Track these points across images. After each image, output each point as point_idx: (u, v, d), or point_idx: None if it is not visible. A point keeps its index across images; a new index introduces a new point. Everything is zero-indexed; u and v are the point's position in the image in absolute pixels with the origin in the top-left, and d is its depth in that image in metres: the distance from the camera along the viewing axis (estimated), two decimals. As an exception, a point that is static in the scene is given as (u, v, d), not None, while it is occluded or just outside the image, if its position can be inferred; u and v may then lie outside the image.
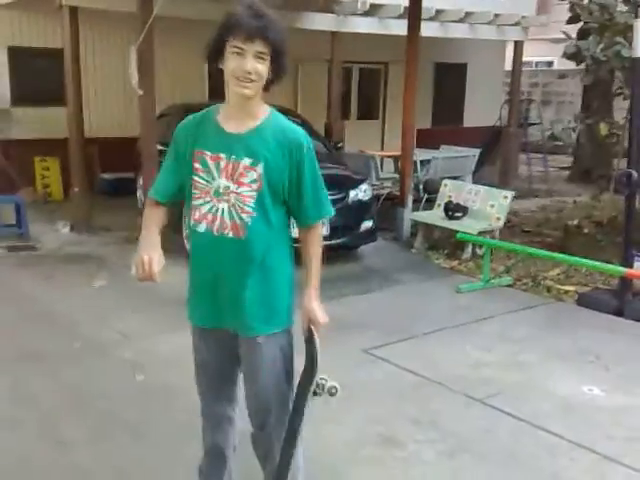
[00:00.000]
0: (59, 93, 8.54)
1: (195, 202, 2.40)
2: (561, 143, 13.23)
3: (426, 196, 9.32)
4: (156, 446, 3.39)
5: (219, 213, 2.36)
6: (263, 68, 2.26)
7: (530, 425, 3.68)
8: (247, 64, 2.23)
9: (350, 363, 4.45)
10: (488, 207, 7.58)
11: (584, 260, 5.67)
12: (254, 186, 2.33)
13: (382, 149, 13.07)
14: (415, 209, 8.58)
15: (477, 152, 11.18)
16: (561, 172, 14.33)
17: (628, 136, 5.68)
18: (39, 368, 4.33)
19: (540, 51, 20.78)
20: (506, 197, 7.53)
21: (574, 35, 7.71)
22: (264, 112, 2.39)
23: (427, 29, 11.05)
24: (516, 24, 12.14)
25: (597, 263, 5.60)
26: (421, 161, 10.36)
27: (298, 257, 2.49)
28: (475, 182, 9.63)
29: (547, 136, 12.72)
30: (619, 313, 5.48)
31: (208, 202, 2.38)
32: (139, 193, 8.83)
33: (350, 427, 3.64)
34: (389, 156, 10.98)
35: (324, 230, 7.05)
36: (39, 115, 9.69)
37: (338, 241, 6.89)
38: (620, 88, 8.11)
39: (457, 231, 7.07)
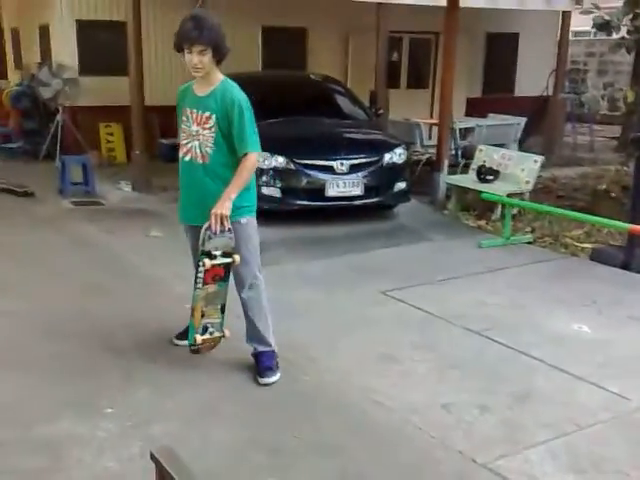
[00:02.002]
0: (122, 63, 9.25)
1: (183, 142, 3.75)
2: (587, 111, 13.34)
3: (464, 162, 9.73)
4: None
5: (194, 148, 3.68)
6: (205, 59, 3.52)
7: (516, 351, 4.22)
8: (194, 59, 3.51)
9: (368, 301, 5.09)
10: (519, 171, 7.95)
11: (593, 217, 6.11)
12: (212, 129, 3.61)
13: (431, 117, 13.42)
14: (453, 174, 9.03)
15: (523, 121, 11.39)
16: (611, 142, 14.42)
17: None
18: (101, 298, 5.09)
19: (598, 20, 20.49)
20: (536, 161, 7.89)
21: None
22: (218, 80, 3.66)
23: (475, 0, 11.36)
24: (563, -7, 12.23)
25: (605, 220, 6.01)
26: (465, 129, 10.75)
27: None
28: (522, 150, 9.92)
29: (576, 104, 12.87)
30: (626, 267, 5.89)
31: (189, 141, 3.70)
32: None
33: (358, 348, 4.28)
34: (433, 124, 11.38)
35: (358, 190, 7.75)
36: (104, 84, 10.46)
37: (372, 200, 7.45)
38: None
39: (488, 193, 7.51)
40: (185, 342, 3.97)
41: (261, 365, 3.81)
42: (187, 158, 3.71)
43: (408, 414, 3.47)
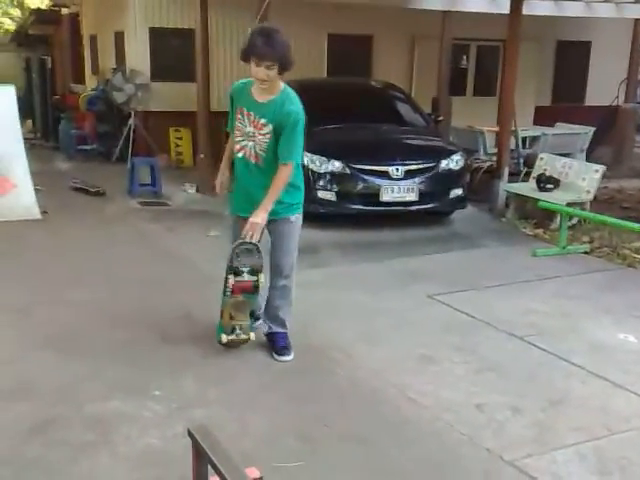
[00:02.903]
0: (190, 70, 9.61)
1: (237, 139, 3.98)
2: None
3: (526, 170, 9.66)
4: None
5: (248, 147, 3.91)
6: (272, 73, 3.69)
7: (556, 357, 4.24)
8: (260, 73, 3.68)
9: (414, 303, 5.18)
10: (579, 180, 7.88)
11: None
12: (268, 135, 3.85)
13: (497, 125, 13.31)
14: (515, 182, 8.98)
15: (590, 130, 11.19)
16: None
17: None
18: (160, 291, 5.36)
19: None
20: (597, 171, 7.79)
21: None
22: (279, 89, 3.85)
23: (540, 8, 11.25)
24: (636, 2, 11.96)
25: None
26: (532, 137, 10.66)
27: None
28: (590, 161, 9.77)
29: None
30: (684, 280, 5.78)
31: (244, 140, 3.92)
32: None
33: (398, 347, 4.38)
34: (497, 132, 11.29)
35: (413, 196, 7.88)
36: (174, 89, 10.86)
37: (427, 206, 7.53)
38: None
39: (546, 201, 7.46)
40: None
41: (278, 345, 4.20)
42: (240, 155, 3.95)
43: (440, 412, 3.55)
